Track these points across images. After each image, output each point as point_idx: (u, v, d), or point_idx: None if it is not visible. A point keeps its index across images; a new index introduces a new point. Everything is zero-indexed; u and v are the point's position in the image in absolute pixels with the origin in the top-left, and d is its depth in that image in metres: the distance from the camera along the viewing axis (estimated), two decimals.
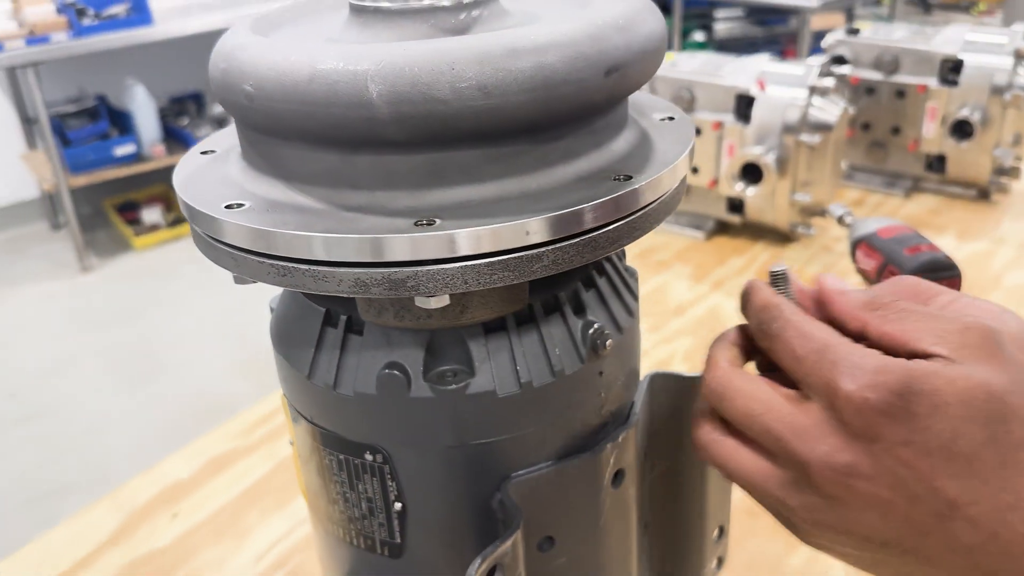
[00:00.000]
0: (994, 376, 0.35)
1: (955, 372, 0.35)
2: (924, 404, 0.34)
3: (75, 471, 1.82)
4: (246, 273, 0.38)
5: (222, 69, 0.38)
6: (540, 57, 0.35)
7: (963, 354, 0.35)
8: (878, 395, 0.35)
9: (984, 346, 0.35)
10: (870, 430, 0.35)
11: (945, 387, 0.34)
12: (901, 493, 0.35)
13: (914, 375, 0.34)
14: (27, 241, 3.75)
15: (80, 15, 3.26)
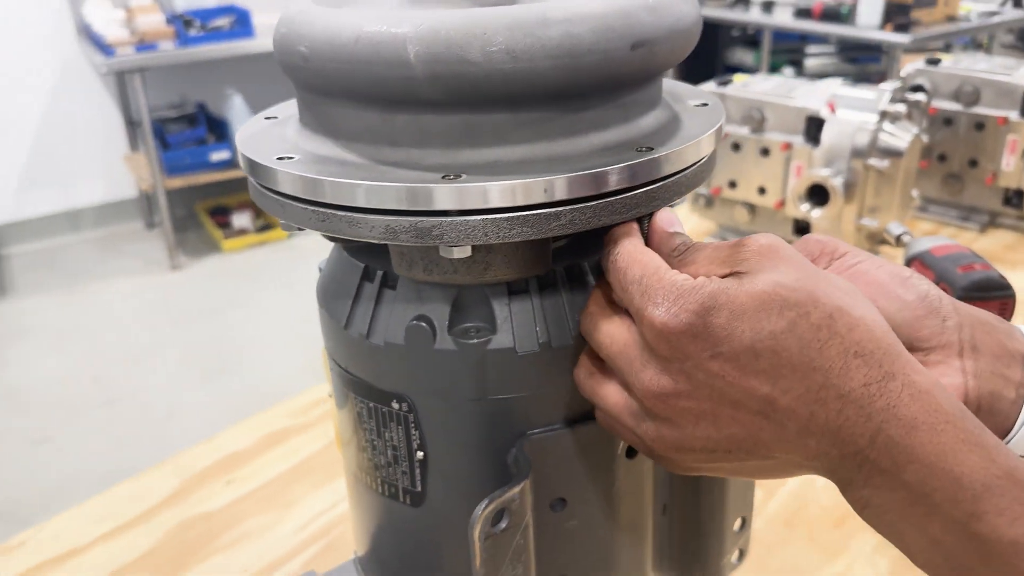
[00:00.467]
0: (784, 274, 0.37)
1: (748, 281, 0.37)
2: (723, 315, 0.36)
3: (147, 454, 1.90)
4: (291, 219, 0.42)
5: (282, 33, 0.42)
6: (568, 27, 0.37)
7: (753, 264, 0.38)
8: (679, 319, 0.37)
9: (771, 255, 0.38)
10: (679, 351, 0.37)
11: (740, 294, 0.36)
12: (722, 402, 0.37)
13: (710, 292, 0.37)
14: (123, 238, 3.93)
15: (187, 26, 3.43)
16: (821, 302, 0.36)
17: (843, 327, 0.36)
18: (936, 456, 0.34)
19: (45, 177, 3.82)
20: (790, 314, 0.36)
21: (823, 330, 0.36)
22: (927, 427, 0.34)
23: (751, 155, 1.25)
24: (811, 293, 0.36)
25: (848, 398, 0.35)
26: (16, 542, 0.83)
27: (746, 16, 3.82)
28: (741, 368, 0.36)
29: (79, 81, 3.77)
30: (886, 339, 0.37)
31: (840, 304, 0.36)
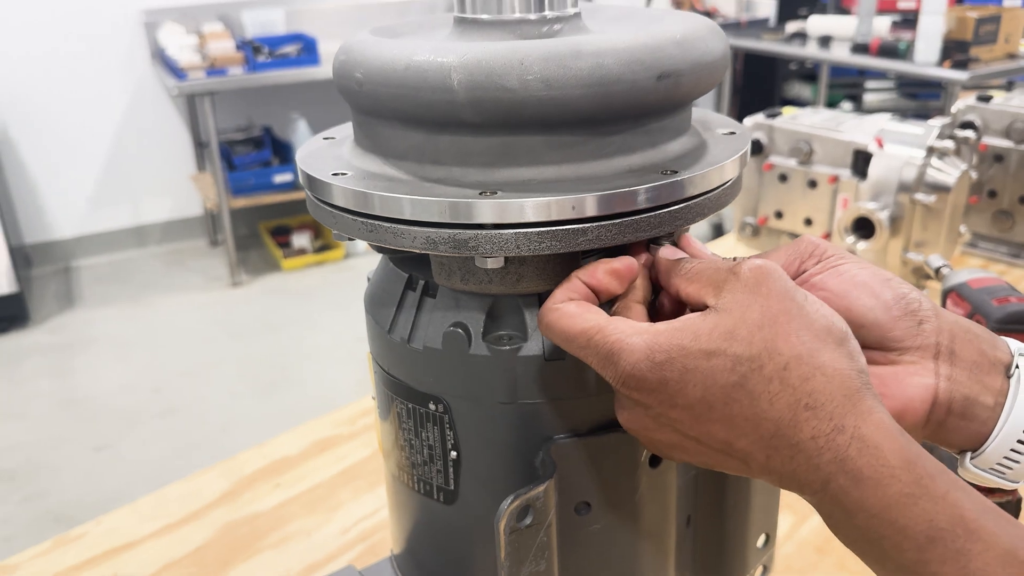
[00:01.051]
0: (741, 320, 0.38)
1: (704, 325, 0.39)
2: (675, 369, 0.38)
3: (202, 463, 1.97)
4: (343, 229, 0.45)
5: (341, 60, 0.46)
6: (598, 59, 0.40)
7: (725, 301, 0.39)
8: (633, 377, 0.39)
9: (745, 289, 0.39)
10: (641, 400, 0.40)
11: (690, 345, 0.38)
12: (686, 438, 0.41)
13: (659, 346, 0.39)
14: (187, 254, 4.06)
15: (256, 52, 3.56)
16: (778, 352, 0.37)
17: (796, 378, 0.37)
18: (881, 508, 0.36)
19: (115, 194, 3.98)
20: (742, 369, 0.38)
21: (774, 382, 0.37)
22: (872, 481, 0.36)
23: (798, 186, 1.26)
24: (769, 343, 0.37)
25: (798, 448, 0.37)
26: (75, 534, 0.87)
27: (803, 50, 3.82)
28: (697, 417, 0.39)
29: (151, 103, 3.93)
30: (842, 389, 0.37)
31: (799, 352, 0.37)
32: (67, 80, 3.72)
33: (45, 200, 3.85)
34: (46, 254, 3.90)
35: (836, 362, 0.38)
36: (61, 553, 0.85)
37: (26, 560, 0.84)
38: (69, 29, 3.66)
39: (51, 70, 3.67)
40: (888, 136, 1.19)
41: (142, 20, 3.78)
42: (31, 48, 3.62)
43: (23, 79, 3.64)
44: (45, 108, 3.71)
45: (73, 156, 3.84)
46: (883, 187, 1.18)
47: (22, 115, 3.68)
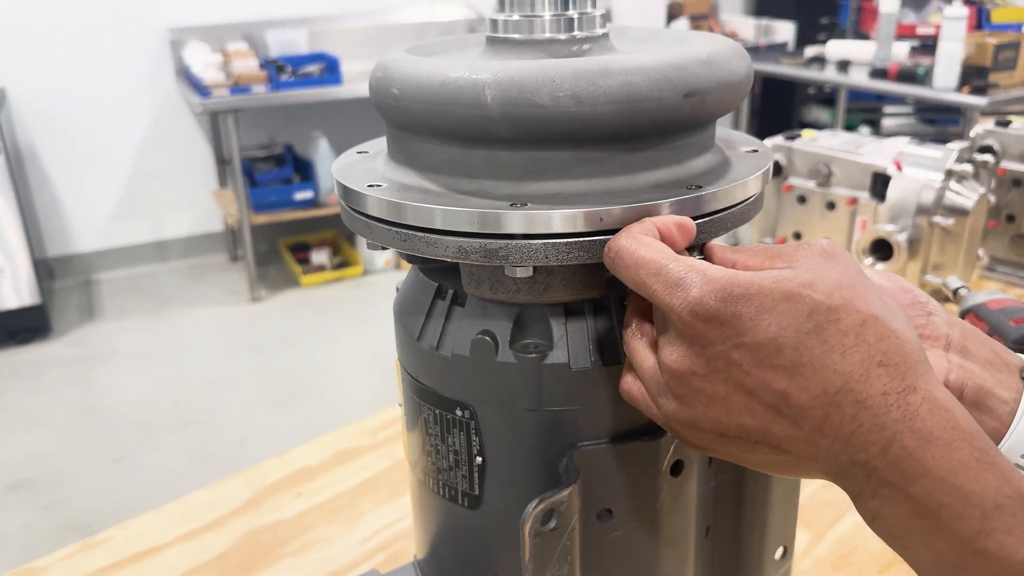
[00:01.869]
0: (821, 277, 0.38)
1: (783, 273, 0.38)
2: (751, 306, 0.38)
3: (220, 476, 1.99)
4: (377, 239, 0.47)
5: (378, 77, 0.48)
6: (627, 77, 0.42)
7: (800, 260, 0.39)
8: (703, 307, 0.38)
9: (821, 255, 0.40)
10: (702, 336, 0.39)
11: (770, 286, 0.38)
12: (737, 389, 0.39)
13: (737, 281, 0.38)
14: (207, 269, 4.11)
15: (279, 71, 3.61)
16: (856, 310, 0.37)
17: (872, 336, 0.37)
18: (948, 472, 0.35)
19: (138, 208, 4.03)
20: (819, 317, 0.37)
21: (850, 336, 0.37)
22: (942, 442, 0.35)
23: (817, 208, 1.27)
24: (848, 300, 0.37)
25: (864, 404, 0.36)
26: (100, 538, 0.89)
27: (822, 75, 3.84)
28: (760, 360, 0.37)
29: (175, 119, 3.99)
30: (915, 355, 0.37)
31: (876, 313, 0.37)
32: (92, 96, 3.78)
33: (68, 214, 3.91)
34: (68, 267, 3.95)
35: (908, 331, 0.38)
36: (87, 556, 0.86)
37: (54, 563, 0.85)
38: (95, 45, 3.73)
39: (77, 86, 3.74)
40: (907, 159, 1.20)
41: (167, 38, 3.85)
42: (57, 63, 3.68)
43: (49, 94, 3.70)
44: (70, 123, 3.77)
45: (97, 171, 3.90)
46: (901, 210, 1.19)
47: (47, 129, 3.74)
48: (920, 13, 4.50)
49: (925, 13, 4.47)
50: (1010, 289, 1.35)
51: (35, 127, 3.72)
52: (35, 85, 3.67)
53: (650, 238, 0.41)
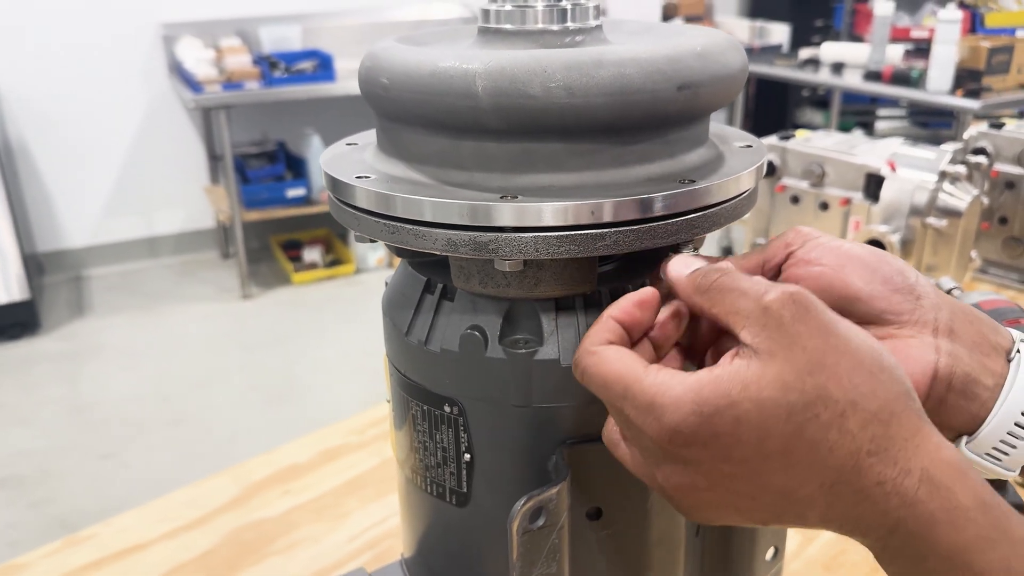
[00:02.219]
0: (788, 366, 0.36)
1: (750, 374, 0.36)
2: (726, 421, 0.36)
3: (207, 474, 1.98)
4: (365, 231, 0.46)
5: (367, 67, 0.47)
6: (620, 68, 0.41)
7: (762, 341, 0.37)
8: (680, 432, 0.37)
9: (782, 327, 0.37)
10: (690, 456, 0.38)
11: (740, 396, 0.36)
12: (740, 495, 0.38)
13: (705, 397, 0.36)
14: (198, 266, 4.09)
15: (272, 67, 3.60)
16: (833, 400, 0.36)
17: (855, 425, 0.36)
18: (957, 551, 0.35)
19: (129, 204, 4.01)
20: (797, 418, 0.36)
21: (832, 430, 0.36)
22: (946, 524, 0.35)
23: (810, 208, 1.27)
24: (822, 390, 0.36)
25: (863, 494, 0.36)
26: (85, 535, 0.88)
27: (816, 77, 3.84)
28: (754, 470, 0.37)
29: (167, 115, 3.97)
30: (904, 431, 0.36)
31: (854, 398, 0.36)
32: (84, 90, 3.76)
33: (59, 209, 3.89)
34: (58, 262, 3.92)
35: (892, 403, 0.36)
36: (70, 553, 0.85)
37: (36, 559, 0.84)
38: (88, 40, 3.70)
39: (68, 80, 3.71)
40: (901, 160, 1.20)
41: (160, 33, 3.83)
42: (49, 58, 3.66)
43: (40, 88, 3.68)
44: (62, 117, 3.75)
45: (88, 166, 3.88)
46: (895, 210, 1.19)
47: (39, 124, 3.72)
48: (914, 16, 4.51)
49: (919, 16, 4.48)
50: (1003, 291, 1.35)
51: (26, 122, 3.70)
52: (27, 80, 3.65)
53: (611, 349, 0.40)
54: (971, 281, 1.37)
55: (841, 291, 0.43)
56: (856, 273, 0.43)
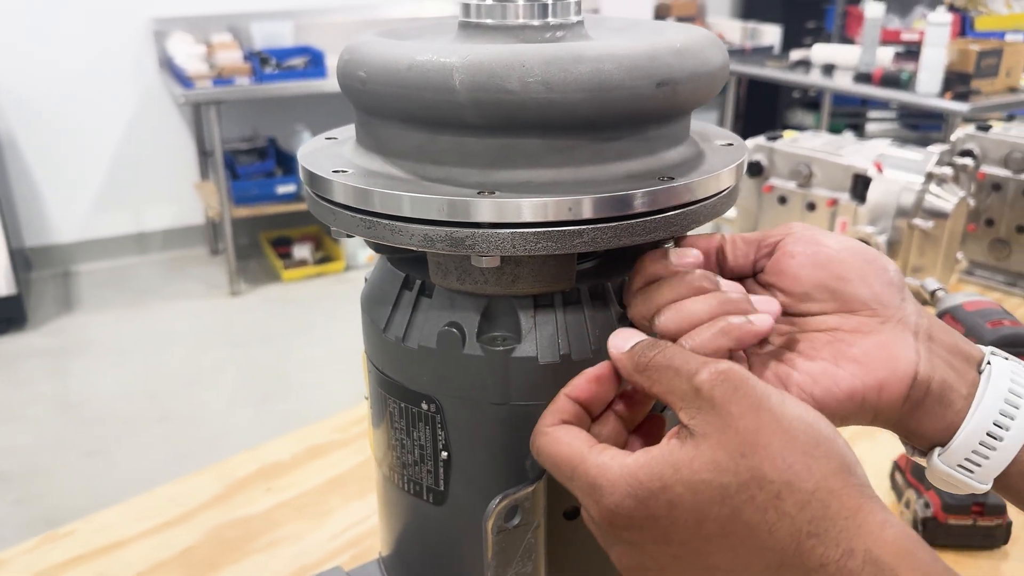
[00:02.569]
0: (721, 448, 0.36)
1: (682, 456, 0.37)
2: (660, 504, 0.37)
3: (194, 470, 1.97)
4: (342, 226, 0.46)
5: (345, 59, 0.47)
6: (599, 64, 0.41)
7: (697, 423, 0.37)
8: (617, 515, 0.38)
9: (714, 408, 0.37)
10: (631, 538, 0.38)
11: (673, 479, 0.36)
12: (682, 571, 0.38)
13: (639, 480, 0.37)
14: (187, 262, 4.07)
15: (263, 63, 3.58)
16: (767, 480, 0.35)
17: (792, 506, 0.35)
18: None
19: (118, 199, 3.99)
20: (732, 501, 0.36)
21: (769, 512, 0.35)
22: None
23: (797, 209, 1.27)
24: (755, 471, 0.36)
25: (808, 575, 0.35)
26: (64, 531, 0.87)
27: (806, 78, 3.85)
28: (696, 551, 0.37)
29: (157, 110, 3.95)
30: (844, 510, 0.36)
31: (788, 478, 0.35)
32: (74, 85, 3.73)
33: (48, 204, 3.86)
34: (46, 257, 3.90)
35: (830, 480, 0.36)
36: (49, 550, 0.84)
37: (14, 556, 0.83)
38: (79, 35, 3.68)
39: (59, 75, 3.69)
40: (887, 161, 1.20)
41: (151, 28, 3.81)
42: (40, 52, 3.64)
43: (31, 83, 3.66)
44: (51, 112, 3.73)
45: (77, 161, 3.85)
46: (881, 211, 1.19)
47: (28, 118, 3.70)
48: (905, 19, 4.52)
49: (910, 19, 4.50)
50: (988, 292, 1.35)
51: (16, 116, 3.68)
52: (17, 74, 3.62)
53: (561, 429, 0.41)
54: (957, 283, 1.37)
55: (836, 270, 0.44)
56: (851, 256, 0.44)
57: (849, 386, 0.42)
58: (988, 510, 0.78)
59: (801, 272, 0.45)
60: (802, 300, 0.45)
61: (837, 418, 0.42)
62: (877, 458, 0.94)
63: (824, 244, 0.45)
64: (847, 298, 0.44)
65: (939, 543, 0.80)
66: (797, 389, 0.42)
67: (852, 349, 0.43)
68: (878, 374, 0.42)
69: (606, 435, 0.42)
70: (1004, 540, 0.80)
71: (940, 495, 0.79)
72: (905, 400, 0.42)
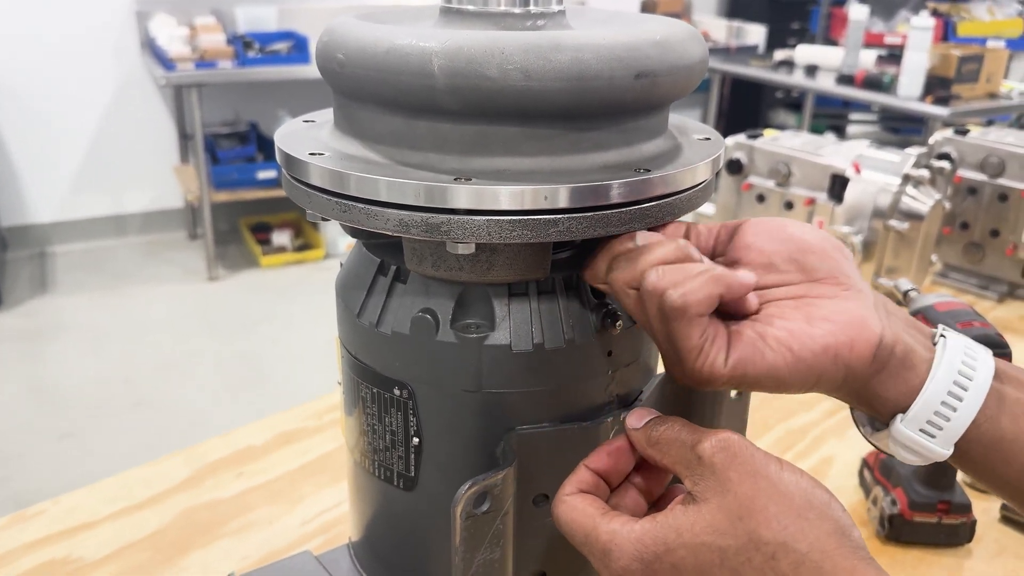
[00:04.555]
0: (720, 512, 0.39)
1: (685, 521, 0.39)
2: (664, 567, 0.39)
3: None
4: (317, 209, 0.46)
5: (324, 42, 0.47)
6: (578, 54, 0.41)
7: (699, 489, 0.40)
8: None
9: (715, 474, 0.40)
10: None
11: (676, 542, 0.39)
12: None
13: (645, 545, 0.40)
14: (165, 246, 4.04)
15: (247, 47, 3.56)
16: (763, 542, 0.38)
17: (788, 567, 0.37)
18: None
19: (96, 181, 3.94)
20: (731, 562, 0.38)
21: (767, 572, 0.37)
22: None
23: (774, 207, 1.28)
24: (752, 533, 0.38)
25: None
26: (32, 512, 0.87)
27: (789, 78, 3.87)
28: None
29: (138, 92, 3.91)
30: (838, 569, 0.37)
31: (783, 540, 0.37)
32: (55, 65, 3.69)
33: (25, 183, 3.82)
34: (22, 238, 3.86)
35: (824, 541, 0.38)
36: (17, 531, 0.84)
37: None
38: (59, 14, 3.64)
39: (39, 54, 3.65)
40: (865, 162, 1.21)
41: (134, 9, 3.77)
42: (20, 31, 3.59)
43: (9, 62, 3.61)
44: (30, 91, 3.68)
45: (56, 141, 3.81)
46: (858, 212, 1.20)
47: (6, 97, 3.65)
48: (889, 22, 4.55)
49: (894, 23, 4.53)
50: (961, 295, 1.37)
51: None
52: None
53: (577, 498, 0.44)
54: (931, 284, 1.38)
55: (798, 244, 0.45)
56: (811, 234, 0.45)
57: (823, 341, 0.43)
58: (954, 508, 0.79)
59: (766, 245, 0.45)
60: (767, 271, 0.45)
61: (813, 374, 0.43)
62: (846, 456, 0.95)
63: (783, 224, 0.46)
64: (811, 268, 0.45)
65: (904, 540, 0.81)
66: (775, 342, 0.43)
67: (821, 311, 0.43)
68: (848, 331, 0.43)
69: (626, 506, 0.45)
70: (968, 538, 0.81)
71: (907, 493, 0.80)
72: (873, 360, 0.43)
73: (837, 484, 0.92)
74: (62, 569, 0.79)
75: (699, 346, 0.41)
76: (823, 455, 0.96)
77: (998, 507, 0.87)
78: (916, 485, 0.80)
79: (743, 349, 0.42)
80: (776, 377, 0.42)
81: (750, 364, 0.42)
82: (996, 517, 0.86)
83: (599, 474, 0.45)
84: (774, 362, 0.42)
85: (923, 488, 0.80)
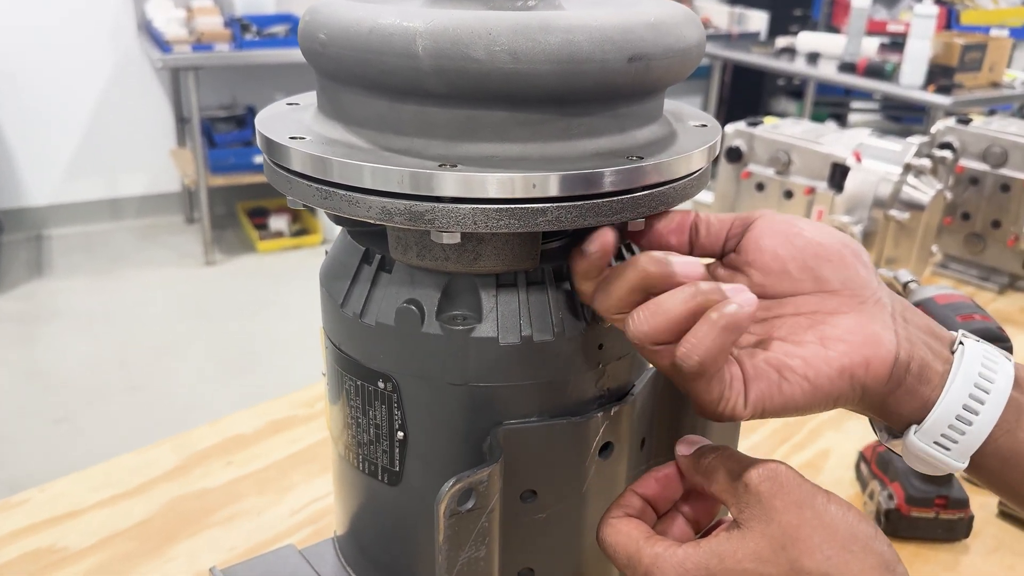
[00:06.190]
0: (764, 540, 0.39)
1: (728, 547, 0.40)
2: None
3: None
4: (297, 195, 0.44)
5: (306, 21, 0.45)
6: (569, 35, 0.39)
7: (745, 516, 0.40)
8: None
9: (760, 503, 0.40)
10: None
11: (718, 568, 0.40)
12: None
13: (688, 569, 0.40)
14: (162, 230, 4.01)
15: (244, 30, 3.52)
16: (805, 571, 0.38)
17: None
18: None
19: (93, 164, 3.92)
20: None
21: None
22: None
23: (774, 196, 1.26)
24: (795, 562, 0.38)
25: None
26: (17, 500, 0.85)
27: (791, 66, 3.84)
28: None
29: (135, 75, 3.88)
30: None
31: (826, 570, 0.38)
32: (50, 46, 3.65)
33: (20, 166, 3.79)
34: (18, 221, 3.83)
35: (867, 575, 0.38)
36: (3, 518, 0.82)
37: None
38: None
39: (35, 36, 3.61)
40: (866, 151, 1.19)
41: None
42: (15, 12, 3.55)
43: (5, 44, 3.57)
44: (26, 73, 3.65)
45: (52, 123, 3.78)
46: (858, 201, 1.18)
47: (2, 79, 3.62)
48: (891, 10, 4.52)
49: (896, 10, 4.50)
50: (961, 286, 1.35)
51: None
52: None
53: (623, 521, 0.44)
54: (931, 275, 1.37)
55: (814, 250, 0.44)
56: (827, 238, 0.44)
57: (839, 364, 0.42)
58: (951, 503, 0.78)
59: (779, 250, 0.44)
60: (780, 279, 0.44)
61: (831, 399, 0.43)
62: (843, 448, 0.94)
63: (799, 226, 0.45)
64: (825, 278, 0.44)
65: (901, 535, 0.80)
66: (792, 374, 0.42)
67: (835, 330, 0.43)
68: (864, 351, 0.42)
69: (672, 534, 0.45)
70: (965, 534, 0.80)
71: (904, 487, 0.79)
72: (888, 378, 0.42)
73: (834, 477, 0.90)
74: (46, 558, 0.78)
75: (719, 396, 0.41)
76: (820, 448, 0.95)
77: (996, 502, 0.86)
78: (914, 480, 0.79)
79: (760, 387, 0.42)
80: (795, 407, 0.42)
81: (768, 400, 0.42)
82: (994, 512, 0.85)
83: (646, 500, 0.46)
84: (791, 394, 0.42)
85: (920, 483, 0.79)
